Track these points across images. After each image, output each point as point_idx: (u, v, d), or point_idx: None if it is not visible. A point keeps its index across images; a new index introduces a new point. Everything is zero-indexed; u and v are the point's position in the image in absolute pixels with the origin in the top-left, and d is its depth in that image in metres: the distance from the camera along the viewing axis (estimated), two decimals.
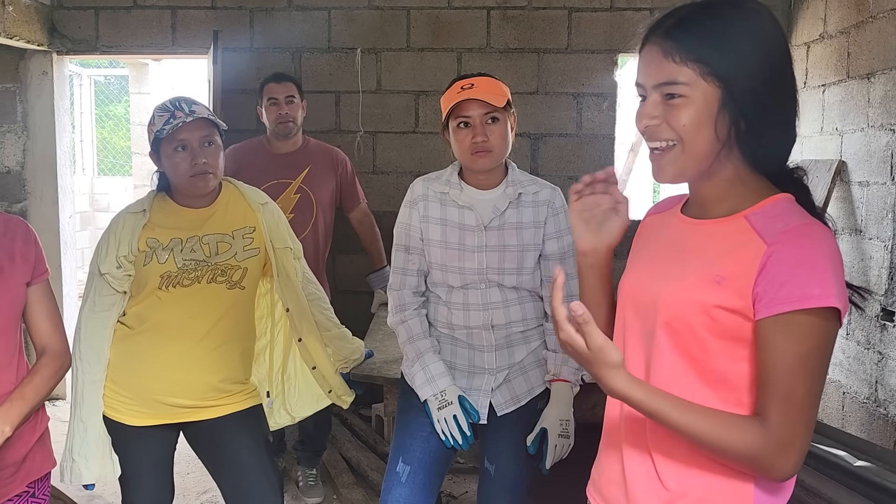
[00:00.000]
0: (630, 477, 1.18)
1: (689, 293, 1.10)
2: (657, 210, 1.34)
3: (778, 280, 1.02)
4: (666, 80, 1.08)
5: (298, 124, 3.19)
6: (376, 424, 3.85)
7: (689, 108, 1.07)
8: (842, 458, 2.05)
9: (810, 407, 1.03)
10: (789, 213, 1.08)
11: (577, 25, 4.12)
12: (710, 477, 1.11)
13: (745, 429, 1.04)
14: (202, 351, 1.98)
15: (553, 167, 4.18)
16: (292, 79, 3.24)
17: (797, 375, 1.02)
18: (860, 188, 3.29)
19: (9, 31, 3.76)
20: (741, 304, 1.05)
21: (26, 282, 1.68)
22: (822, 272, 1.01)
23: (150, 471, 2.05)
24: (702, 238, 1.14)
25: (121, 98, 10.04)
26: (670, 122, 1.09)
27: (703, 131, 1.08)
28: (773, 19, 1.10)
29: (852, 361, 3.33)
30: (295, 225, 3.06)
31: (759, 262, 1.04)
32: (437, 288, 2.01)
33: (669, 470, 1.14)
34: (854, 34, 3.36)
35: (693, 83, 1.07)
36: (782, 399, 1.03)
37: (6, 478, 1.64)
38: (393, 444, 2.03)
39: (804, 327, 1.01)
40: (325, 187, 3.21)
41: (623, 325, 1.24)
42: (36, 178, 4.25)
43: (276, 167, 3.14)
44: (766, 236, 1.05)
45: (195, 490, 3.27)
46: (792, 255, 1.02)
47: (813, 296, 1.00)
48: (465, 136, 1.90)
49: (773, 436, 1.02)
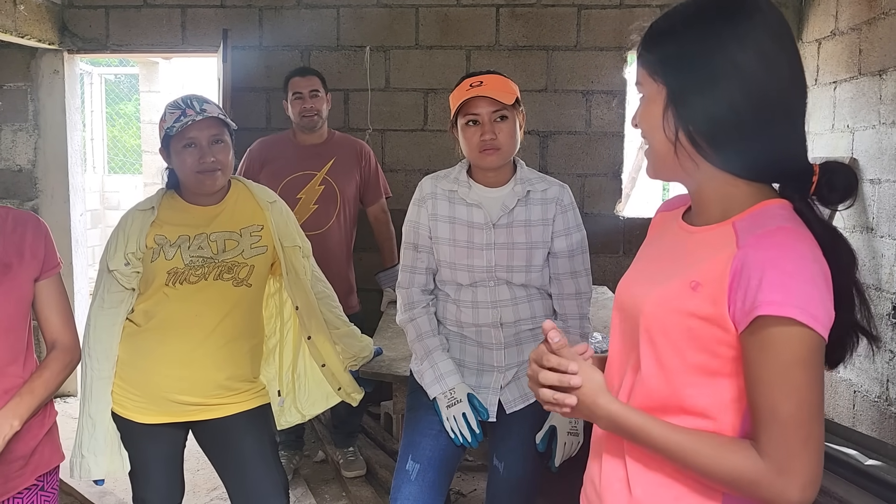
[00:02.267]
0: (604, 482, 1.15)
1: (668, 300, 1.04)
2: (667, 208, 1.29)
3: (747, 286, 0.95)
4: (636, 79, 1.11)
5: (323, 117, 3.27)
6: (385, 422, 3.86)
7: (644, 105, 1.09)
8: (852, 457, 2.04)
9: (804, 427, 0.94)
10: (774, 218, 1.00)
11: (587, 22, 4.11)
12: (678, 488, 1.05)
13: (736, 451, 0.98)
14: (208, 348, 1.99)
15: (562, 165, 4.17)
16: (317, 73, 3.32)
17: (778, 391, 0.94)
18: (872, 186, 3.27)
19: (20, 30, 3.78)
20: (714, 312, 0.98)
21: (35, 277, 1.69)
22: (786, 277, 0.93)
23: (160, 467, 2.07)
24: (691, 245, 1.09)
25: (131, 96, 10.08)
26: (639, 120, 1.11)
27: (656, 130, 1.07)
28: (752, 29, 1.00)
29: (863, 360, 3.31)
30: (318, 216, 3.14)
31: (731, 266, 0.97)
32: (446, 286, 2.01)
33: (639, 477, 1.09)
34: (866, 31, 3.34)
35: (645, 82, 1.08)
36: (768, 419, 0.95)
37: (15, 471, 1.65)
38: (402, 441, 2.04)
39: (778, 337, 0.93)
40: (350, 179, 3.28)
41: (614, 333, 1.20)
42: (47, 176, 4.27)
43: (301, 159, 3.23)
44: (741, 240, 0.98)
45: (205, 487, 3.28)
46: (758, 259, 0.95)
47: (773, 302, 0.92)
48: (473, 134, 1.90)
49: (767, 459, 0.95)
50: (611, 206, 4.19)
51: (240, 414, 2.05)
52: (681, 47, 1.04)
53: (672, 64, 1.04)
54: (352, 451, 3.43)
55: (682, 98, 1.02)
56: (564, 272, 1.98)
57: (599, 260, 2.43)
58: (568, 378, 1.06)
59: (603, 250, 4.01)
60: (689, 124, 1.02)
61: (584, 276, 2.01)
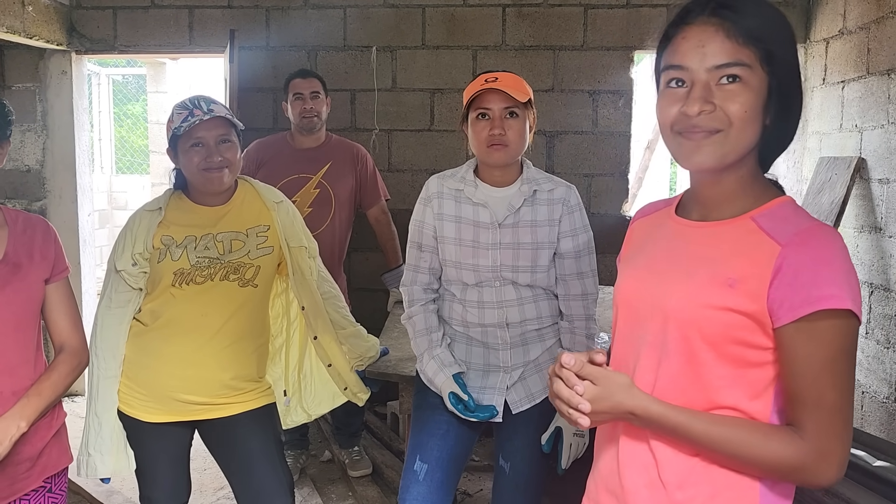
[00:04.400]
0: (625, 469, 1.13)
1: (698, 296, 1.05)
2: (644, 213, 1.29)
3: (797, 283, 0.98)
4: (729, 60, 1.01)
5: (322, 119, 3.27)
6: (391, 422, 3.86)
7: (749, 93, 1.02)
8: (861, 458, 2.03)
9: (844, 412, 1.00)
10: (797, 215, 1.05)
11: (593, 22, 4.10)
12: (715, 470, 1.07)
13: (781, 440, 1.01)
14: (214, 348, 1.99)
15: (568, 165, 4.16)
16: (317, 75, 3.32)
17: (826, 381, 0.99)
18: (880, 185, 3.25)
19: (29, 31, 3.80)
20: (754, 308, 1.01)
21: (45, 279, 1.70)
22: (839, 273, 0.98)
23: (166, 466, 2.07)
24: (707, 240, 1.10)
25: (139, 97, 10.11)
26: (726, 108, 1.02)
27: (755, 120, 1.03)
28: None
29: (872, 360, 3.30)
30: (313, 219, 3.12)
31: (774, 263, 1.00)
32: (452, 286, 2.01)
33: (670, 462, 1.09)
34: (874, 30, 3.32)
35: (753, 66, 1.01)
36: (814, 407, 1.00)
37: (22, 472, 1.66)
38: (410, 442, 2.04)
39: (827, 330, 0.98)
40: (345, 183, 3.27)
41: (622, 335, 1.19)
42: (55, 176, 4.29)
43: (297, 162, 3.22)
44: (779, 238, 1.01)
45: (212, 486, 3.29)
46: (808, 257, 0.99)
47: (833, 296, 0.97)
48: (482, 129, 1.90)
49: (811, 445, 1.00)
50: (617, 206, 4.18)
51: (245, 413, 2.06)
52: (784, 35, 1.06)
53: (784, 50, 1.05)
54: (357, 451, 3.43)
55: (781, 87, 1.04)
56: (571, 273, 1.98)
57: (606, 260, 2.42)
58: (577, 401, 1.06)
59: (609, 251, 3.96)
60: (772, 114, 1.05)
61: (591, 277, 2.01)
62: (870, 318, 3.31)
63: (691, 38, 1.04)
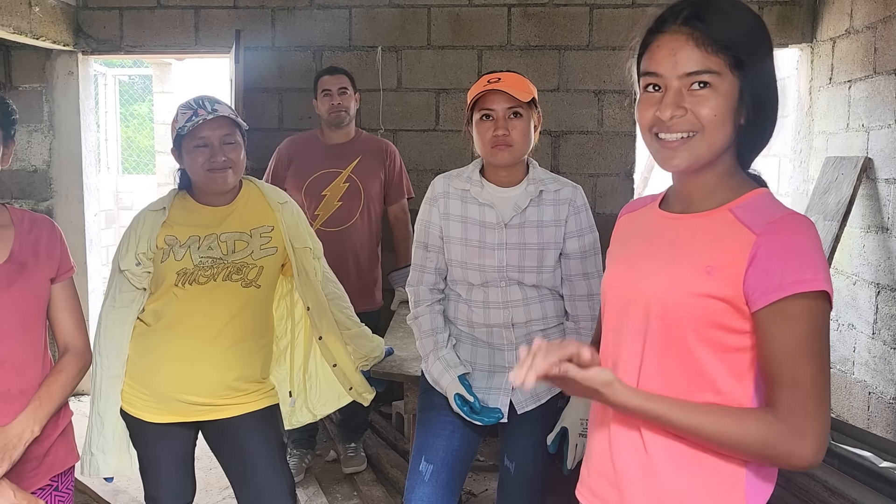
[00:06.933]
0: (616, 451, 1.19)
1: (679, 284, 1.11)
2: (630, 209, 1.36)
3: (770, 269, 1.04)
4: (699, 68, 1.07)
5: (351, 115, 3.34)
6: (396, 422, 3.87)
7: (718, 98, 1.08)
8: (867, 459, 2.02)
9: (817, 391, 1.04)
10: (772, 206, 1.11)
11: (599, 22, 4.10)
12: (702, 455, 1.11)
13: (755, 420, 1.05)
14: (216, 349, 1.99)
15: (574, 165, 4.16)
16: (345, 72, 3.39)
17: (799, 361, 1.03)
18: (887, 185, 3.24)
19: (35, 32, 3.81)
20: (731, 293, 1.07)
21: (51, 278, 1.70)
22: (810, 258, 1.03)
23: (171, 466, 2.08)
24: (687, 231, 1.16)
25: (145, 97, 10.13)
26: (697, 112, 1.08)
27: (726, 122, 1.09)
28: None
29: (878, 361, 3.28)
30: (342, 213, 3.21)
31: (749, 251, 1.06)
32: (458, 286, 2.01)
33: (660, 447, 1.14)
34: (881, 29, 3.31)
35: (723, 73, 1.07)
36: (788, 386, 1.04)
37: (29, 471, 1.66)
38: (415, 442, 2.04)
39: (800, 312, 1.03)
40: (374, 178, 3.33)
41: (610, 324, 1.25)
42: (62, 176, 4.31)
43: (327, 157, 3.30)
44: (754, 227, 1.07)
45: (217, 486, 3.30)
46: (781, 244, 1.04)
47: (805, 280, 1.02)
48: (486, 129, 1.90)
49: (784, 424, 1.04)
50: (623, 206, 4.17)
51: (248, 414, 2.06)
52: (756, 40, 1.10)
53: (753, 55, 1.09)
54: (353, 448, 3.46)
55: (753, 88, 1.09)
56: (576, 274, 1.98)
57: None
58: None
59: None
60: (746, 114, 1.10)
61: (597, 278, 2.00)
62: (876, 318, 3.30)
63: (664, 47, 1.11)
